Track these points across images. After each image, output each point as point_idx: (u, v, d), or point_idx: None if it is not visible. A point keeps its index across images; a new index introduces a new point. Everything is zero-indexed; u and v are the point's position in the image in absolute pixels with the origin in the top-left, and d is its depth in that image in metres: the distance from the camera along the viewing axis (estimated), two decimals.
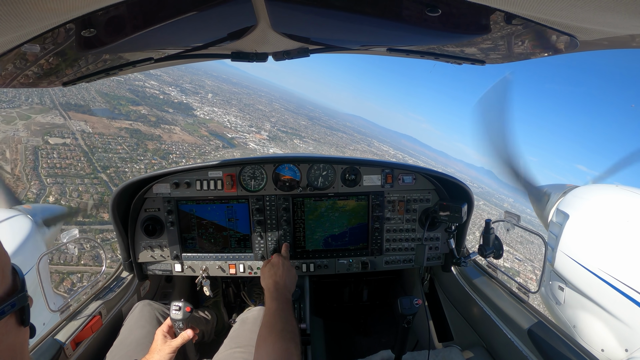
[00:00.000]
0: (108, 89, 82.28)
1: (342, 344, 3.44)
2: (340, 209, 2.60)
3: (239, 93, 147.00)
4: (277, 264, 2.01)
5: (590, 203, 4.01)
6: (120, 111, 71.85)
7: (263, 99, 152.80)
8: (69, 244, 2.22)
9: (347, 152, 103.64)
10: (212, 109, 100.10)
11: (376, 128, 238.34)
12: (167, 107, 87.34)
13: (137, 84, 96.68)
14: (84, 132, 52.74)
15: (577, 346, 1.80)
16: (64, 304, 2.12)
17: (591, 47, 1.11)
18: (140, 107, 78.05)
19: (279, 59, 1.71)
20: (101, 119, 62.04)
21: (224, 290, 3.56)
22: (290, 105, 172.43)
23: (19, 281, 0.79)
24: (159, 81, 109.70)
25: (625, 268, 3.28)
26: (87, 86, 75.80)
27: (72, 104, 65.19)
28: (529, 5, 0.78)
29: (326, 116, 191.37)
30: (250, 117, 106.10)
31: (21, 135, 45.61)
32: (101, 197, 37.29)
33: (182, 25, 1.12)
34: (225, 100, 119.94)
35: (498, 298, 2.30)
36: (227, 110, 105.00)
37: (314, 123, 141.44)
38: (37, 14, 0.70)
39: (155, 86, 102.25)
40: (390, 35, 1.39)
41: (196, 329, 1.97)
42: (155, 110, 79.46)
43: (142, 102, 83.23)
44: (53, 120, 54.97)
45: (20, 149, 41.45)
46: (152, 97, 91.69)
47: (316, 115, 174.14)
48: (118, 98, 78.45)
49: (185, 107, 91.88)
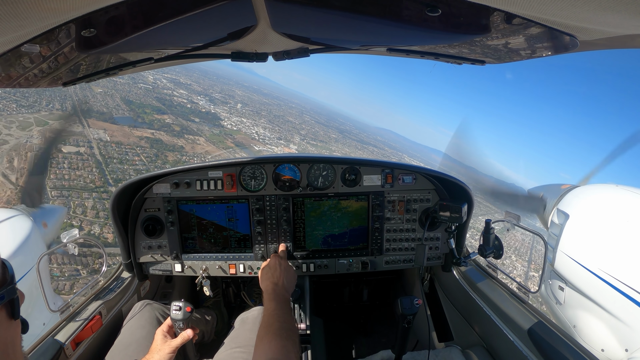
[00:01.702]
0: (134, 96, 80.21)
1: (342, 344, 3.44)
2: (343, 209, 2.60)
3: (269, 104, 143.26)
4: (274, 265, 2.02)
5: (590, 203, 4.01)
6: (143, 119, 69.14)
7: (294, 111, 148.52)
8: (69, 244, 2.22)
9: None
10: (240, 119, 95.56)
11: (407, 142, 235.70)
12: (194, 116, 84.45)
13: (165, 92, 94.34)
14: (101, 140, 50.47)
15: (577, 346, 1.80)
16: (64, 304, 2.12)
17: (591, 47, 1.11)
18: (165, 116, 75.26)
19: (279, 59, 1.71)
20: (122, 127, 59.24)
21: (224, 290, 3.56)
22: (321, 117, 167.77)
23: (8, 275, 0.81)
24: (188, 90, 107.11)
25: (625, 268, 3.28)
26: (112, 93, 75.70)
27: (95, 110, 63.09)
28: (529, 5, 0.78)
29: (357, 129, 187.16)
30: (280, 129, 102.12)
31: (34, 143, 43.21)
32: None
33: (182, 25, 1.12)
34: (255, 111, 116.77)
35: (498, 298, 2.30)
36: (256, 121, 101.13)
37: (345, 136, 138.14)
38: (37, 14, 0.70)
39: (183, 95, 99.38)
40: (390, 35, 1.39)
41: (196, 329, 1.97)
42: (180, 120, 76.75)
43: (168, 110, 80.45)
44: (70, 127, 53.57)
45: (30, 157, 38.59)
46: (179, 106, 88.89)
47: (347, 128, 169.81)
48: (143, 106, 75.91)
49: (213, 117, 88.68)
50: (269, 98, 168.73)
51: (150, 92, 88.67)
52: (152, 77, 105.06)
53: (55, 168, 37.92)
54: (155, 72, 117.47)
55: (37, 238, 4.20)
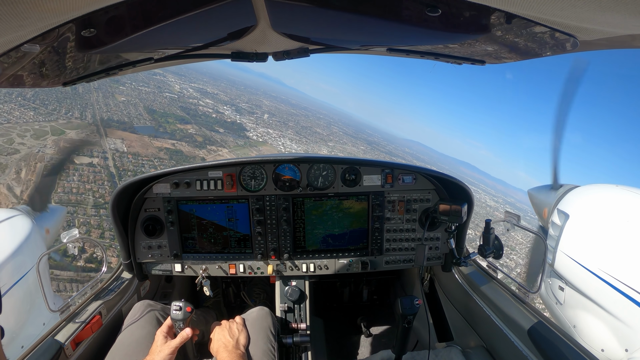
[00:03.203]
0: (158, 105, 78.04)
1: (342, 344, 3.44)
2: (344, 209, 2.60)
3: (297, 115, 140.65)
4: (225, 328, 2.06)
5: (590, 203, 4.01)
6: (165, 129, 67.22)
7: (321, 122, 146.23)
8: (69, 244, 2.22)
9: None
10: (266, 130, 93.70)
11: (435, 154, 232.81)
12: (218, 126, 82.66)
13: (190, 101, 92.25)
14: (117, 151, 47.87)
15: (577, 346, 1.80)
16: (64, 304, 2.12)
17: (591, 47, 1.11)
18: (188, 126, 73.54)
19: (279, 59, 1.71)
20: (141, 137, 56.88)
21: (224, 290, 3.57)
22: (349, 129, 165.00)
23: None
24: (214, 99, 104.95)
25: (625, 268, 3.28)
26: (136, 102, 74.50)
27: (115, 119, 61.69)
28: (529, 5, 0.78)
29: (385, 141, 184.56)
30: (307, 141, 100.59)
31: (46, 152, 41.03)
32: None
33: (182, 25, 1.12)
34: (282, 121, 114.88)
35: (498, 298, 2.30)
36: (283, 132, 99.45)
37: (373, 148, 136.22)
38: (37, 14, 0.70)
39: (209, 104, 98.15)
40: (390, 35, 1.39)
41: (196, 329, 1.97)
42: (204, 130, 74.70)
43: (191, 120, 78.58)
44: (87, 137, 50.98)
45: (39, 168, 36.10)
46: (204, 116, 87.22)
47: (375, 140, 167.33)
48: (166, 115, 74.03)
49: (238, 128, 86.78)
50: (297, 109, 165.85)
51: (175, 101, 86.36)
52: (178, 87, 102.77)
53: (64, 181, 35.20)
54: (182, 82, 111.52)
55: (37, 238, 4.20)
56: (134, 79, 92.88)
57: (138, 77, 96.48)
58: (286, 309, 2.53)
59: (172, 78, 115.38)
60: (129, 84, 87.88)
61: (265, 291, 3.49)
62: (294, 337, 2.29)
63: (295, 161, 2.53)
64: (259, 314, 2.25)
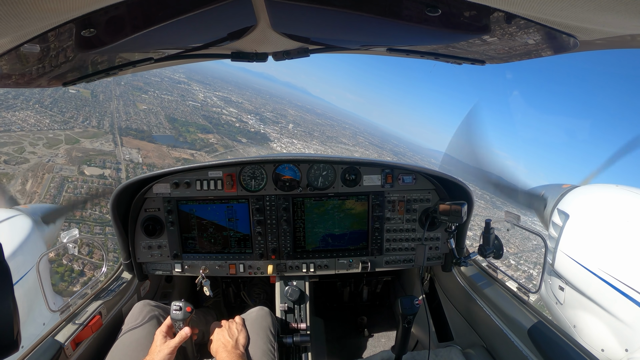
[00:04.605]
0: (180, 114, 75.74)
1: (342, 344, 3.44)
2: (346, 210, 2.60)
3: (322, 124, 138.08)
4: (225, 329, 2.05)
5: (591, 203, 4.01)
6: (185, 139, 64.52)
7: (347, 132, 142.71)
8: (68, 244, 2.22)
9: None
10: (291, 140, 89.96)
11: (460, 165, 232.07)
12: (241, 136, 79.38)
13: (214, 110, 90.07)
14: (132, 162, 45.75)
15: (577, 346, 1.80)
16: (64, 304, 2.12)
17: (591, 47, 1.11)
18: (209, 135, 70.80)
19: (279, 59, 1.71)
20: (159, 147, 54.65)
21: (224, 290, 3.56)
22: (375, 139, 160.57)
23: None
24: (238, 108, 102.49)
25: (626, 268, 3.28)
26: (157, 110, 73.04)
27: (133, 128, 59.07)
28: (529, 5, 0.78)
29: (411, 152, 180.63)
30: (332, 152, 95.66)
31: (57, 162, 38.84)
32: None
33: (182, 25, 1.12)
34: (307, 131, 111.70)
35: (498, 298, 2.30)
36: (308, 143, 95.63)
37: (400, 159, 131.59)
38: (37, 14, 0.70)
39: (233, 113, 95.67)
40: (390, 35, 1.39)
41: (195, 329, 1.97)
42: (226, 140, 72.19)
43: (214, 129, 75.87)
44: (102, 146, 48.13)
45: (46, 180, 34.21)
46: (227, 125, 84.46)
47: (401, 150, 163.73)
48: (187, 124, 71.23)
49: (262, 138, 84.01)
50: (322, 118, 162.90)
51: (198, 109, 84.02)
52: (202, 95, 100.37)
53: (70, 194, 33.12)
54: (206, 90, 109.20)
55: (37, 238, 4.20)
56: (157, 87, 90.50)
57: (162, 86, 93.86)
58: (286, 309, 2.53)
59: (197, 86, 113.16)
60: (152, 92, 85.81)
61: (265, 291, 3.49)
62: (294, 337, 2.29)
63: (295, 161, 2.53)
64: (258, 314, 2.24)
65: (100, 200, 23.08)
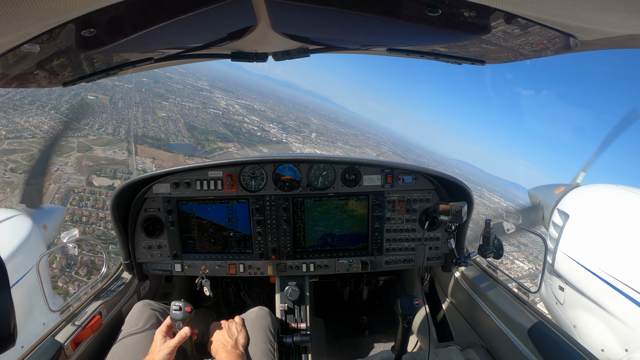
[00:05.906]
0: (200, 122, 73.86)
1: (342, 344, 3.44)
2: (346, 210, 2.60)
3: (345, 134, 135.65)
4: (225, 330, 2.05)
5: (590, 203, 4.01)
6: (203, 147, 62.22)
7: (370, 141, 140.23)
8: (68, 244, 2.22)
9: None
10: (314, 150, 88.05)
11: (484, 175, 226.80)
12: (262, 145, 76.44)
13: (235, 118, 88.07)
14: (144, 171, 40.29)
15: (577, 346, 1.80)
16: (64, 304, 2.12)
17: (591, 47, 1.11)
18: (229, 144, 68.17)
19: (279, 59, 1.71)
20: (175, 156, 51.96)
21: (224, 291, 3.56)
22: (398, 149, 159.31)
23: None
24: (260, 116, 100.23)
25: (625, 268, 3.28)
26: (176, 117, 71.03)
27: (150, 135, 56.82)
28: (529, 5, 0.78)
29: (435, 162, 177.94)
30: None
31: (65, 172, 36.72)
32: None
33: (182, 25, 1.12)
34: (330, 140, 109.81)
35: (498, 298, 2.30)
36: (331, 152, 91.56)
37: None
38: (37, 14, 0.70)
39: (255, 122, 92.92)
40: (390, 35, 1.39)
41: (194, 328, 1.97)
42: (246, 149, 69.33)
43: (234, 138, 73.13)
44: (114, 155, 45.77)
45: (51, 191, 31.89)
46: (248, 134, 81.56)
47: (424, 160, 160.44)
48: (207, 132, 68.72)
49: (284, 147, 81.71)
50: (345, 127, 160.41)
51: (219, 117, 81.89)
52: (224, 103, 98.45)
53: (75, 206, 30.28)
54: (229, 98, 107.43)
55: (37, 238, 4.20)
56: (179, 94, 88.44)
57: (184, 93, 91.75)
58: (286, 309, 2.53)
59: (219, 94, 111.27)
60: (173, 99, 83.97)
61: (265, 291, 3.49)
62: (294, 337, 2.29)
63: (295, 161, 2.52)
64: (258, 313, 2.24)
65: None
